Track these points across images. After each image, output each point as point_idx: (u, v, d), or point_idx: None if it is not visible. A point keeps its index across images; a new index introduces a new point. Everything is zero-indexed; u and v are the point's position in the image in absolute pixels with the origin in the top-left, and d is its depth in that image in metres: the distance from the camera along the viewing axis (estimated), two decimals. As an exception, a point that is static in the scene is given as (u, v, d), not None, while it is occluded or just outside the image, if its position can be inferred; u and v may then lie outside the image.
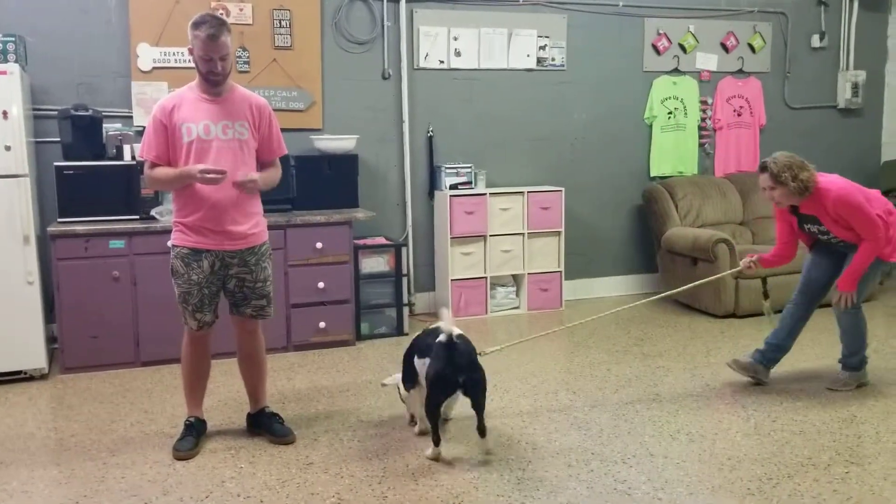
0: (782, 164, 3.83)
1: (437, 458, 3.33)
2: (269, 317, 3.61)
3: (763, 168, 3.92)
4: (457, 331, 3.30)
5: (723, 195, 6.53)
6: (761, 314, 4.72)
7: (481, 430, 3.34)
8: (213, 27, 3.23)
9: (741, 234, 6.43)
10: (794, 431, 3.62)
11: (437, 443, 3.33)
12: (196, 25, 3.25)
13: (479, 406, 3.32)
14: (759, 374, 4.27)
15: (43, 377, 4.54)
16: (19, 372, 4.49)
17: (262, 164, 3.52)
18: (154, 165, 3.35)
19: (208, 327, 3.49)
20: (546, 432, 3.65)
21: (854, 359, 4.19)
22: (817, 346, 5.00)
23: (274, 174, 3.54)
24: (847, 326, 4.13)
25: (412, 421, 3.72)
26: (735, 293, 5.74)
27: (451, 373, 3.22)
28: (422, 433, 3.57)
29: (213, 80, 3.32)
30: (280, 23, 5.44)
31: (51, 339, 4.74)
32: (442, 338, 3.25)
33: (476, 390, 3.30)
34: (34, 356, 4.49)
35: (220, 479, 3.20)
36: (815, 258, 4.26)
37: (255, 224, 3.45)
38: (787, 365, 4.61)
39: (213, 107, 3.34)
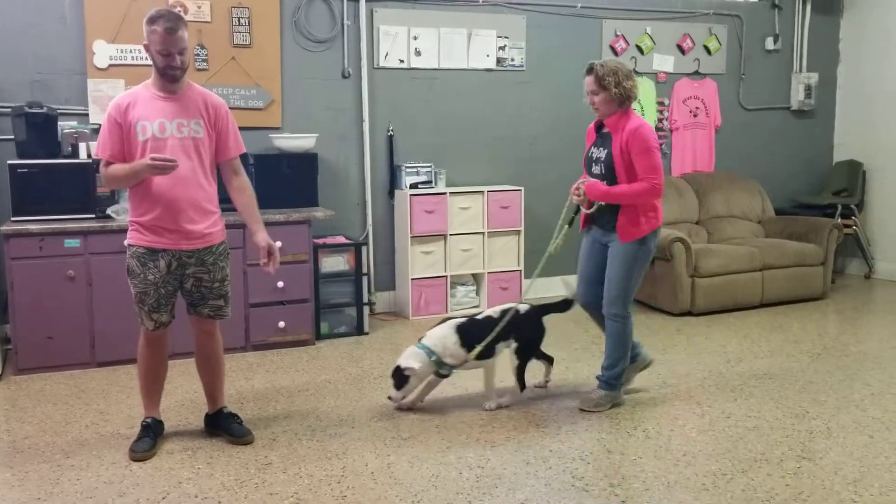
0: (609, 68, 3.69)
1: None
2: (227, 317, 3.58)
3: (590, 70, 3.74)
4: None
5: (679, 195, 6.64)
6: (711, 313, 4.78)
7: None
8: (170, 21, 3.21)
9: (697, 234, 6.54)
10: (748, 427, 3.70)
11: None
12: (152, 20, 3.22)
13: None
14: (616, 398, 4.00)
15: (-5, 379, 4.46)
16: (-30, 374, 4.40)
17: (220, 166, 3.49)
18: (109, 164, 3.31)
19: (164, 327, 3.45)
20: (505, 430, 3.68)
21: (612, 372, 3.92)
22: (768, 344, 5.11)
23: (253, 201, 3.59)
24: (612, 333, 3.91)
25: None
26: (692, 291, 5.84)
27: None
28: (501, 406, 3.97)
29: (171, 74, 3.28)
30: (239, 20, 5.40)
31: (4, 340, 4.65)
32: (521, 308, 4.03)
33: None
34: (-14, 358, 4.41)
35: (178, 479, 3.17)
36: (583, 256, 4.07)
37: (212, 223, 3.42)
38: (741, 362, 4.72)
39: (169, 104, 3.31)
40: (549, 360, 4.28)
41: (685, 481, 3.14)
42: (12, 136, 4.75)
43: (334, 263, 5.33)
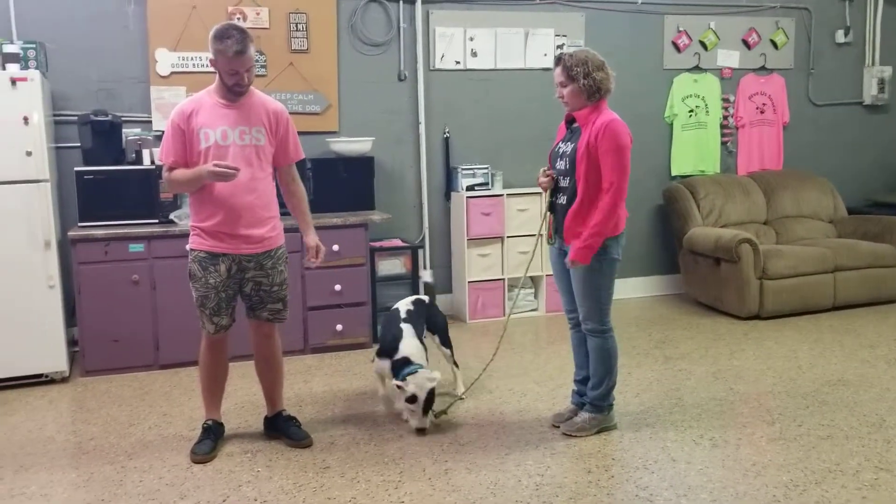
0: (578, 58, 3.42)
1: None
2: (285, 320, 3.59)
3: (558, 60, 3.49)
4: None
5: (746, 194, 6.43)
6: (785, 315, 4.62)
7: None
8: (239, 43, 3.19)
9: (765, 234, 6.33)
10: (820, 436, 3.54)
11: None
12: (220, 39, 3.19)
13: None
14: (603, 421, 3.66)
15: (63, 380, 4.56)
16: (40, 375, 4.51)
17: (278, 170, 3.51)
18: (172, 169, 3.35)
19: (225, 331, 3.48)
20: (565, 437, 3.60)
21: (597, 392, 3.60)
22: (842, 349, 4.90)
23: (305, 205, 3.64)
24: (593, 349, 3.59)
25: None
26: (759, 295, 5.64)
27: None
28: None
29: (238, 91, 3.31)
30: (296, 26, 5.44)
31: (72, 343, 4.77)
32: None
33: None
34: (55, 359, 4.51)
35: (237, 482, 3.19)
36: (553, 266, 3.76)
37: (271, 228, 3.44)
38: (813, 368, 4.54)
39: (231, 112, 3.33)
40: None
41: (755, 493, 3.01)
42: (79, 144, 4.87)
43: (391, 266, 5.32)
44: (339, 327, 5.06)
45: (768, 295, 5.64)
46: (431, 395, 3.63)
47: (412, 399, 3.59)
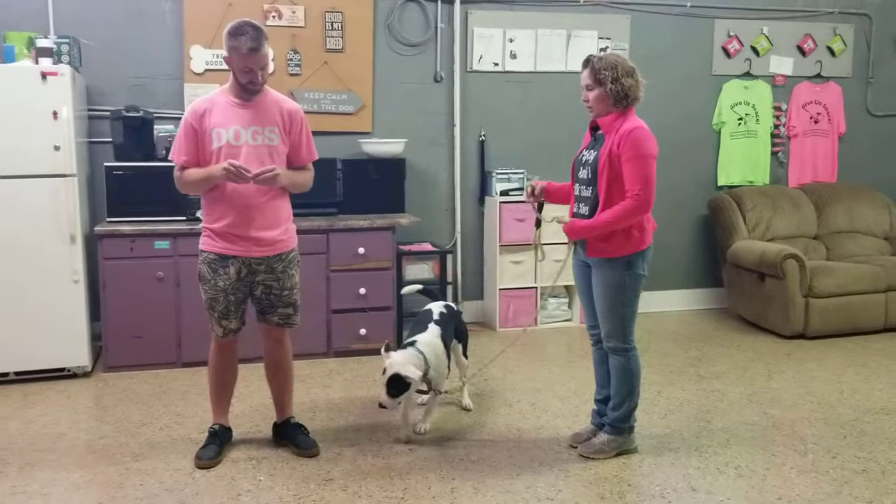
0: (608, 61, 3.23)
1: None
2: (296, 325, 3.51)
3: (586, 62, 3.31)
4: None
5: (796, 207, 6.15)
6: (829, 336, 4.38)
7: None
8: (253, 39, 3.12)
9: (814, 249, 6.03)
10: (855, 470, 3.31)
11: None
12: (234, 36, 3.13)
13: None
14: (623, 444, 3.49)
15: (85, 375, 4.58)
16: (63, 369, 4.53)
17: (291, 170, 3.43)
18: (184, 168, 3.30)
19: (234, 334, 3.42)
20: (581, 458, 3.44)
21: (618, 414, 3.40)
22: (889, 375, 4.62)
23: (301, 175, 3.41)
24: (615, 368, 3.40)
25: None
26: (805, 313, 5.37)
27: None
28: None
29: (252, 89, 3.24)
30: (332, 25, 5.37)
31: (96, 337, 4.78)
32: None
33: None
34: (77, 354, 4.53)
35: (237, 491, 3.12)
36: (575, 278, 3.61)
37: (283, 230, 3.36)
38: (856, 394, 4.28)
39: (245, 112, 3.26)
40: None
41: (777, 530, 2.82)
42: (111, 139, 4.88)
43: (418, 271, 5.21)
44: (362, 331, 4.98)
45: (814, 314, 5.37)
46: (398, 379, 3.40)
47: (384, 371, 3.46)
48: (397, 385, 3.41)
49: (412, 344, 3.59)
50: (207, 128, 3.23)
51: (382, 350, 3.56)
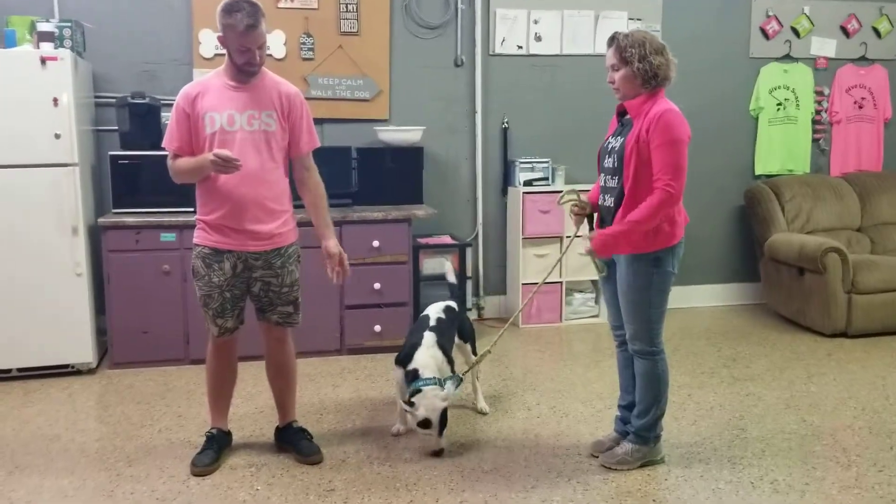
0: (635, 38, 2.98)
1: None
2: (297, 324, 3.30)
3: (612, 41, 3.07)
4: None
5: (838, 197, 5.80)
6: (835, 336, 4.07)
7: None
8: (250, 16, 2.91)
9: (858, 242, 5.69)
10: (904, 486, 3.02)
11: None
12: (228, 13, 2.92)
13: None
14: (648, 454, 3.23)
15: (90, 372, 4.43)
16: (67, 366, 4.39)
17: (292, 160, 3.21)
18: (177, 156, 3.10)
19: (230, 333, 3.22)
20: (602, 469, 3.19)
21: (643, 422, 3.15)
22: (943, 378, 4.30)
23: (323, 200, 3.26)
24: (640, 373, 3.15)
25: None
26: (847, 310, 5.05)
27: None
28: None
29: (249, 70, 3.03)
30: (347, 7, 5.14)
31: (103, 332, 4.63)
32: None
33: None
34: (81, 350, 4.38)
35: (231, 502, 2.92)
36: (599, 280, 3.42)
37: (281, 223, 3.14)
38: (902, 401, 3.97)
39: (240, 95, 3.05)
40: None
41: (818, 556, 2.55)
42: (117, 127, 4.72)
43: (436, 265, 4.97)
44: (377, 328, 4.76)
45: (857, 311, 5.04)
46: (444, 415, 3.27)
47: (425, 424, 3.24)
48: (445, 420, 3.31)
49: (415, 376, 3.34)
50: (200, 112, 3.02)
51: (402, 404, 3.37)
